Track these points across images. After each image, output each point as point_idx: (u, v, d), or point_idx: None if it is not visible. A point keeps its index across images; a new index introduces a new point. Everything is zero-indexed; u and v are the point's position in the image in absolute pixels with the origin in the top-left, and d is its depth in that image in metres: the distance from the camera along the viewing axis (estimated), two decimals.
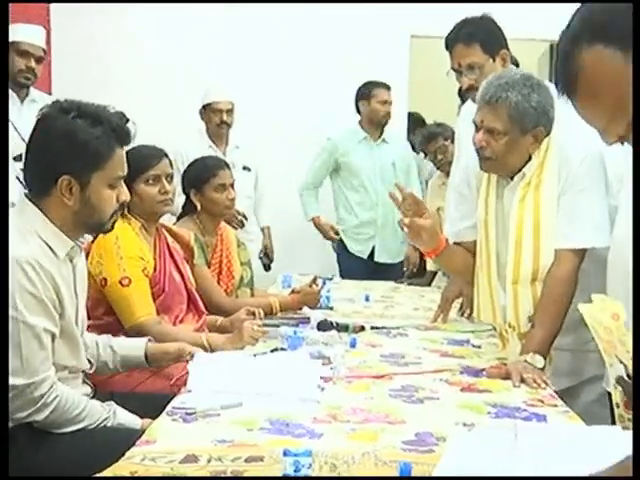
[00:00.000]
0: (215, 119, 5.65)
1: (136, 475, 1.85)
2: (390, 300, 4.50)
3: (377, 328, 3.52)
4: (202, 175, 3.98)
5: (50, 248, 2.41)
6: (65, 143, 2.39)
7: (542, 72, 6.38)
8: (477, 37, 3.56)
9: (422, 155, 5.78)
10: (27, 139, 4.54)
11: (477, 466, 1.74)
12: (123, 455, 1.97)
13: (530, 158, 2.90)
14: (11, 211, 2.60)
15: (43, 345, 2.34)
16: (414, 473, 1.81)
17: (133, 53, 6.61)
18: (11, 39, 4.79)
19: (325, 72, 6.60)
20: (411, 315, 4.01)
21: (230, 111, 5.67)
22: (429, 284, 5.24)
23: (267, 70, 6.63)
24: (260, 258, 5.91)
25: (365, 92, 5.94)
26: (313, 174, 6.14)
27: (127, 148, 2.55)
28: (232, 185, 4.02)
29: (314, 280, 4.05)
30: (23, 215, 2.44)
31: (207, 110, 5.67)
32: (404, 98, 6.54)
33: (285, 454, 1.78)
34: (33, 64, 4.86)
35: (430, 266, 5.29)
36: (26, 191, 2.55)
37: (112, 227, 2.59)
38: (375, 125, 5.98)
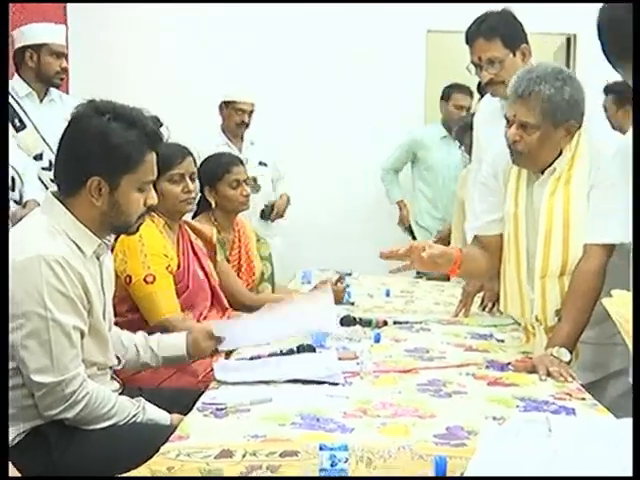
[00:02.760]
0: (236, 118, 5.69)
1: (173, 470, 1.86)
2: (410, 295, 4.49)
3: (400, 323, 3.52)
4: (216, 172, 4.00)
5: (77, 246, 2.43)
6: (98, 145, 2.40)
7: None
8: (498, 31, 3.55)
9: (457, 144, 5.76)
10: (47, 138, 4.63)
11: (512, 460, 1.74)
12: (157, 450, 1.98)
13: (561, 152, 2.90)
14: (37, 209, 2.62)
15: (73, 343, 2.35)
16: (448, 467, 1.81)
17: (149, 50, 6.63)
18: (42, 40, 4.79)
19: (340, 67, 6.60)
20: (432, 310, 4.00)
21: (251, 112, 5.73)
22: (448, 279, 5.22)
23: (281, 65, 6.64)
24: (265, 206, 5.81)
25: (445, 94, 6.19)
26: (392, 162, 6.46)
27: None
28: (246, 181, 4.03)
29: (339, 279, 4.04)
30: (50, 213, 2.45)
31: (228, 107, 5.70)
32: (421, 93, 6.54)
33: (321, 448, 1.79)
34: (65, 64, 4.87)
35: None
36: (50, 190, 2.57)
37: (137, 229, 2.61)
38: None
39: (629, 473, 1.55)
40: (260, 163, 5.74)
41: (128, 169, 2.43)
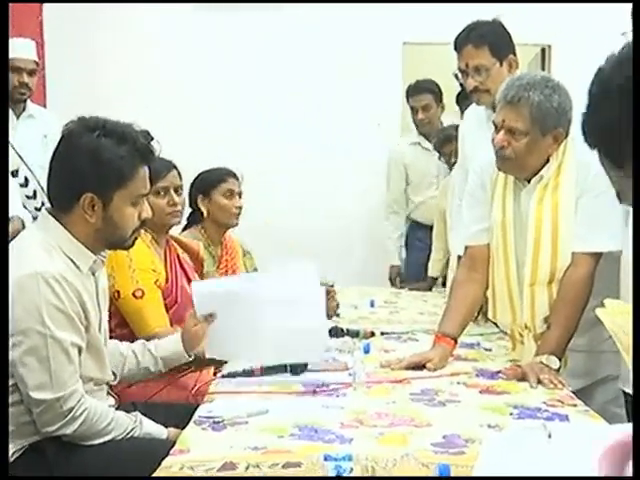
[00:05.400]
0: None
1: None
2: (394, 305, 4.53)
3: (387, 333, 3.55)
4: (211, 180, 4.02)
5: (73, 262, 2.44)
6: (90, 161, 2.41)
7: None
8: (487, 40, 3.59)
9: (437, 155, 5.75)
10: (23, 154, 4.63)
11: (515, 467, 1.76)
12: (157, 464, 1.99)
13: (548, 160, 2.93)
14: (33, 226, 2.64)
15: (71, 359, 2.36)
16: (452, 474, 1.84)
17: (127, 61, 6.60)
18: None
19: (316, 80, 6.61)
20: (417, 320, 4.03)
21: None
22: (430, 289, 5.26)
23: (259, 80, 6.64)
24: None
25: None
26: None
27: None
28: (240, 195, 4.05)
29: (328, 293, 4.05)
30: (45, 230, 2.47)
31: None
32: (398, 105, 6.56)
33: (326, 459, 1.81)
34: (26, 78, 4.87)
35: (431, 272, 5.32)
36: (46, 207, 2.58)
37: (133, 244, 2.62)
38: None
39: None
40: None
41: (120, 184, 2.45)
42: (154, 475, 1.93)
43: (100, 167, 2.41)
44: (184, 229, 4.09)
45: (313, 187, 6.56)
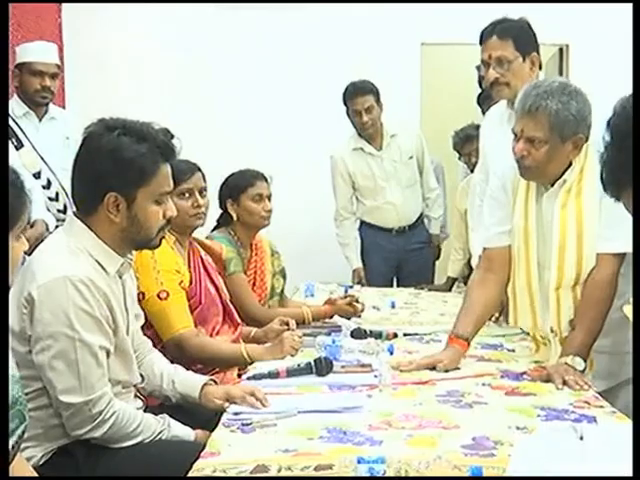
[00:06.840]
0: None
1: None
2: (414, 306, 4.52)
3: (409, 335, 3.56)
4: (240, 184, 4.01)
5: (100, 265, 2.45)
6: (111, 160, 2.42)
7: (550, 76, 6.40)
8: (511, 33, 3.62)
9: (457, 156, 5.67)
10: (45, 156, 4.64)
11: (547, 469, 1.77)
12: (187, 466, 2.00)
13: (570, 164, 2.93)
14: (59, 230, 2.64)
15: (99, 362, 2.37)
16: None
17: (143, 65, 6.63)
18: (23, 60, 4.81)
19: (334, 80, 6.57)
20: (438, 321, 4.03)
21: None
22: (449, 289, 5.26)
23: (274, 77, 6.65)
24: None
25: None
26: None
27: None
28: (269, 197, 4.05)
29: (346, 297, 4.08)
30: (72, 234, 2.48)
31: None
32: (416, 105, 6.56)
33: (359, 462, 1.82)
34: (48, 82, 4.85)
35: (450, 272, 5.31)
36: (60, 208, 2.58)
37: (159, 243, 2.62)
38: None
39: None
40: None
41: (142, 182, 2.46)
42: (188, 477, 1.95)
43: (122, 165, 2.43)
44: (214, 229, 4.09)
45: (315, 188, 6.53)
